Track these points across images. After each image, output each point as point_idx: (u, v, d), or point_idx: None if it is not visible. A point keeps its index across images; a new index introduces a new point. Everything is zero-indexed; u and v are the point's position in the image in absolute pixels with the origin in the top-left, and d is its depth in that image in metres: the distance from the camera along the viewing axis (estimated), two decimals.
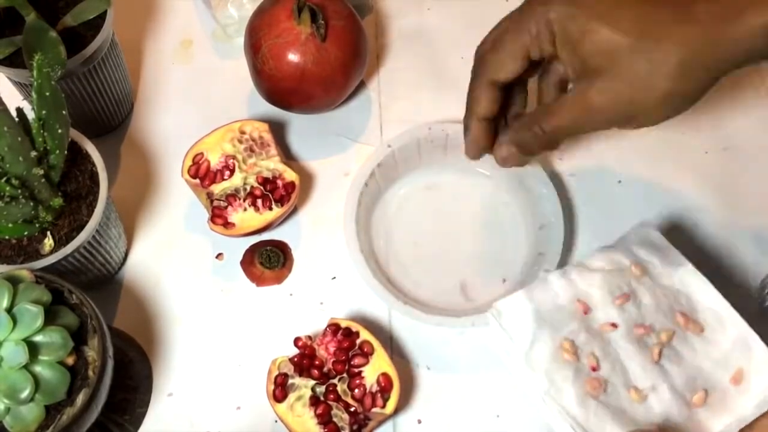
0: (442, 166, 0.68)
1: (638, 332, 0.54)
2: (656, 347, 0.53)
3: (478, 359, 0.63)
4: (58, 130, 0.54)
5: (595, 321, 0.55)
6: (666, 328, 0.54)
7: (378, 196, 0.67)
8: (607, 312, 0.54)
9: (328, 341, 0.58)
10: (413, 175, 0.68)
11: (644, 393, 0.53)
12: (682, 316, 0.54)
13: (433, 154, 0.67)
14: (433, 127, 0.66)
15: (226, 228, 0.63)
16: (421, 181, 0.69)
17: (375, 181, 0.66)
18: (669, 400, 0.53)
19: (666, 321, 0.54)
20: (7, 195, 0.51)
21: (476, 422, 0.61)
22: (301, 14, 0.63)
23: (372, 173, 0.65)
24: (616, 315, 0.54)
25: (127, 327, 0.63)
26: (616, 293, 0.55)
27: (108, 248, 0.60)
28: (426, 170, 0.68)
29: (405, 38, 0.77)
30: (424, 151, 0.67)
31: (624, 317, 0.54)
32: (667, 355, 0.54)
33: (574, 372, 0.53)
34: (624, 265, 0.56)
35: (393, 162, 0.66)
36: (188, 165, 0.65)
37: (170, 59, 0.76)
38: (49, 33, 0.56)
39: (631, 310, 0.55)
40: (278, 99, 0.68)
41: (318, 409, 0.56)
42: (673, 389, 0.53)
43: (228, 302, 0.65)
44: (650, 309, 0.55)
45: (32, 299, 0.48)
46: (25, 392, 0.46)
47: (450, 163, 0.68)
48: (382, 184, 0.67)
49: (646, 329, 0.54)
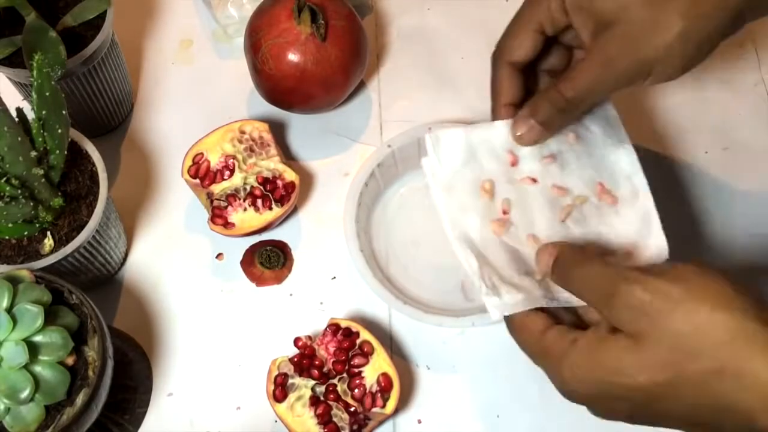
0: None
1: (554, 192, 0.56)
2: (567, 208, 0.56)
3: (478, 359, 0.63)
4: (58, 130, 0.54)
5: (519, 173, 0.57)
6: (581, 194, 0.56)
7: (378, 195, 0.67)
8: (531, 167, 0.57)
9: (328, 341, 0.59)
10: (413, 174, 0.68)
11: (541, 242, 0.54)
12: (600, 186, 0.56)
13: None
14: (433, 127, 0.66)
15: (226, 228, 0.63)
16: (421, 181, 0.69)
17: (375, 181, 0.66)
18: None
19: (584, 188, 0.56)
20: (7, 195, 0.51)
21: (476, 422, 0.61)
22: (301, 14, 0.63)
23: (372, 173, 0.65)
24: (539, 171, 0.56)
25: (127, 327, 0.63)
26: (545, 153, 0.57)
27: (108, 248, 0.60)
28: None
29: (405, 38, 0.77)
30: (424, 151, 0.67)
31: (545, 175, 0.56)
32: (575, 217, 0.56)
33: (484, 207, 0.55)
34: (564, 130, 0.58)
35: (393, 162, 0.66)
36: (188, 165, 0.65)
37: (170, 59, 0.76)
38: (49, 33, 0.56)
39: (554, 170, 0.57)
40: (278, 99, 0.68)
41: (318, 409, 0.56)
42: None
43: (228, 302, 0.65)
44: (573, 173, 0.57)
45: (32, 299, 0.48)
46: (25, 392, 0.46)
47: None
48: (382, 183, 0.67)
49: (562, 191, 0.56)
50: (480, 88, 0.74)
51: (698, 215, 0.68)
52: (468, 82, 0.75)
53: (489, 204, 0.56)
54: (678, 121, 0.73)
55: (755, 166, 0.71)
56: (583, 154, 0.57)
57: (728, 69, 0.76)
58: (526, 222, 0.55)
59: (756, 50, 0.76)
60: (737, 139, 0.72)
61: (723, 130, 0.72)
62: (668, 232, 0.67)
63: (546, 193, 0.56)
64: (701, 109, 0.74)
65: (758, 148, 0.71)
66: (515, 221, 0.55)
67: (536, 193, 0.56)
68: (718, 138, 0.72)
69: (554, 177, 0.57)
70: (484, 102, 0.73)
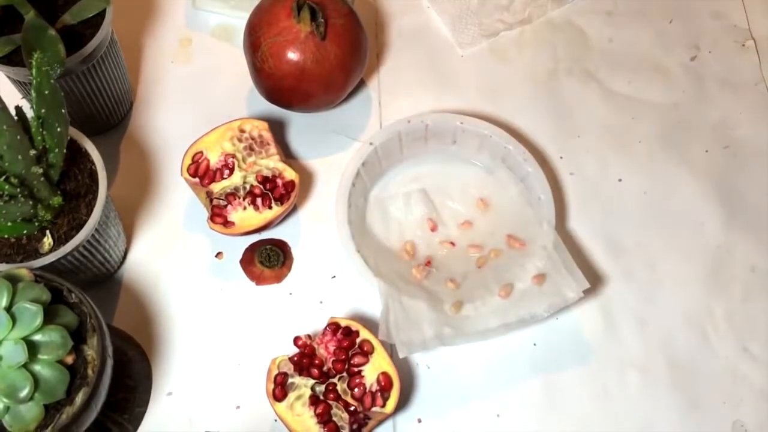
0: (423, 157, 0.69)
1: (471, 250, 0.65)
2: (481, 259, 0.65)
3: (478, 359, 0.63)
4: (57, 128, 0.53)
5: (438, 237, 0.66)
6: (495, 248, 0.65)
7: (366, 194, 0.68)
8: (449, 233, 0.66)
9: (327, 340, 0.58)
10: (397, 169, 0.69)
11: (458, 282, 0.63)
12: (509, 237, 0.65)
13: (414, 146, 0.68)
14: (412, 119, 0.66)
15: (225, 227, 0.63)
16: (406, 174, 0.69)
17: (361, 180, 0.66)
18: (478, 287, 0.62)
19: (496, 242, 0.65)
20: (7, 194, 0.51)
21: (476, 422, 0.61)
22: (300, 12, 0.63)
23: (357, 173, 0.65)
24: (456, 236, 0.66)
25: (126, 326, 0.63)
26: (461, 220, 0.67)
27: (107, 247, 0.60)
28: (408, 163, 0.69)
29: (405, 37, 0.77)
30: (405, 144, 0.67)
31: (462, 238, 0.66)
32: (489, 264, 0.64)
33: (409, 262, 0.65)
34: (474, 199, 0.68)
35: (376, 159, 0.66)
36: (188, 164, 0.65)
37: (169, 58, 0.76)
38: (48, 31, 0.56)
39: (469, 233, 0.66)
40: (278, 98, 0.68)
41: (318, 409, 0.56)
42: (484, 282, 0.62)
43: (227, 301, 0.65)
44: (486, 233, 0.66)
45: (31, 298, 0.47)
46: (24, 391, 0.46)
47: (431, 153, 0.68)
48: (368, 182, 0.67)
49: (478, 248, 0.65)
50: (480, 88, 0.75)
51: (698, 214, 0.68)
52: (468, 82, 0.75)
53: (411, 261, 0.65)
54: (678, 119, 0.73)
55: (755, 165, 0.71)
56: (494, 217, 0.66)
57: (729, 68, 0.76)
58: (444, 271, 0.64)
59: (756, 49, 0.76)
60: (738, 137, 0.72)
61: (724, 128, 0.72)
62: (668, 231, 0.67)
63: (463, 251, 0.65)
64: (702, 107, 0.74)
65: (759, 147, 0.71)
66: (435, 269, 0.64)
67: (455, 252, 0.65)
68: (718, 137, 0.72)
69: (470, 238, 0.66)
70: (484, 101, 0.74)
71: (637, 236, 0.67)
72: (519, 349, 0.63)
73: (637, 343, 0.63)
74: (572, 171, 0.70)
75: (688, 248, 0.67)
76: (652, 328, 0.64)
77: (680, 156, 0.71)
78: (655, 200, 0.69)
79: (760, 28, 0.77)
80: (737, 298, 0.65)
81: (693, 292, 0.65)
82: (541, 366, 0.62)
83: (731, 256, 0.67)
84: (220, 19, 0.77)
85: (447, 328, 0.59)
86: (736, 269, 0.66)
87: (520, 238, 0.64)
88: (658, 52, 0.76)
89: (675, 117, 0.73)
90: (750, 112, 0.73)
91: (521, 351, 0.63)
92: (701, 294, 0.65)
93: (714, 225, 0.68)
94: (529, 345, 0.63)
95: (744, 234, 0.68)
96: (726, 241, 0.67)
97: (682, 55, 0.76)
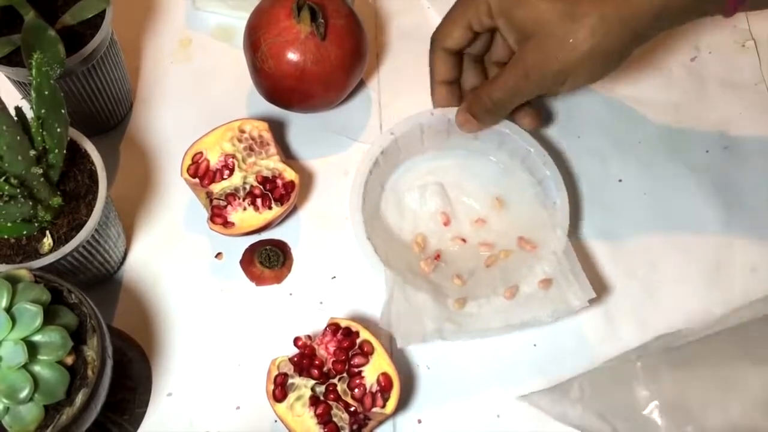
0: (443, 151, 0.69)
1: (482, 248, 0.65)
2: (491, 258, 0.64)
3: (478, 360, 0.63)
4: (57, 129, 0.53)
5: (450, 232, 0.66)
6: (506, 248, 0.64)
7: (384, 183, 0.68)
8: (461, 229, 0.66)
9: (327, 341, 0.58)
10: (416, 160, 0.69)
11: (464, 279, 0.63)
12: (520, 239, 0.64)
13: (435, 139, 0.67)
14: (435, 112, 0.66)
15: (225, 227, 0.63)
16: (424, 167, 0.69)
17: (379, 168, 0.66)
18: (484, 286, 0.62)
19: (508, 243, 0.65)
20: (6, 194, 0.51)
21: (476, 422, 0.61)
22: (300, 13, 0.63)
23: (376, 161, 0.65)
24: (468, 233, 0.66)
25: (126, 326, 0.63)
26: (474, 218, 0.66)
27: (107, 247, 0.60)
28: (428, 155, 0.69)
29: (405, 37, 0.77)
30: (426, 136, 0.67)
31: (474, 235, 0.66)
32: (498, 264, 0.64)
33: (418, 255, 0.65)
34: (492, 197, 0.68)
35: (396, 148, 0.66)
36: (187, 164, 0.65)
37: (169, 58, 0.76)
38: (48, 32, 0.56)
39: (482, 232, 0.66)
40: (278, 98, 0.68)
41: (318, 409, 0.56)
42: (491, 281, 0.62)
43: (227, 302, 0.65)
44: (498, 232, 0.66)
45: (31, 299, 0.47)
46: (24, 392, 0.46)
47: (451, 147, 0.68)
48: (386, 170, 0.67)
49: (489, 246, 0.65)
50: None
51: (698, 214, 0.68)
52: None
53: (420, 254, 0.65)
54: (679, 119, 0.73)
55: (755, 165, 0.71)
56: (507, 217, 0.66)
57: (729, 68, 0.76)
58: (452, 266, 0.64)
59: (756, 49, 0.76)
60: (738, 137, 0.72)
61: (724, 128, 0.72)
62: (668, 232, 0.67)
63: (474, 249, 0.65)
64: (702, 107, 0.74)
65: (759, 147, 0.71)
66: (443, 264, 0.64)
67: (465, 250, 0.65)
68: (718, 137, 0.72)
69: (482, 236, 0.66)
70: None
71: (638, 237, 0.67)
72: (519, 349, 0.63)
73: (637, 343, 0.63)
74: (573, 171, 0.70)
75: (688, 248, 0.67)
76: (653, 328, 0.64)
77: (680, 156, 0.71)
78: (656, 201, 0.69)
79: (760, 29, 0.77)
80: (737, 298, 0.65)
81: (693, 293, 0.65)
82: (542, 367, 0.62)
83: (731, 256, 0.67)
84: (219, 19, 0.77)
85: (448, 323, 0.59)
86: (736, 269, 0.66)
87: (532, 241, 0.64)
88: (659, 52, 0.76)
89: (675, 117, 0.73)
90: (750, 112, 0.73)
91: (522, 352, 0.63)
92: (701, 294, 0.65)
93: (714, 225, 0.68)
94: (529, 346, 0.63)
95: (744, 234, 0.68)
96: (726, 241, 0.67)
97: (683, 55, 0.76)
